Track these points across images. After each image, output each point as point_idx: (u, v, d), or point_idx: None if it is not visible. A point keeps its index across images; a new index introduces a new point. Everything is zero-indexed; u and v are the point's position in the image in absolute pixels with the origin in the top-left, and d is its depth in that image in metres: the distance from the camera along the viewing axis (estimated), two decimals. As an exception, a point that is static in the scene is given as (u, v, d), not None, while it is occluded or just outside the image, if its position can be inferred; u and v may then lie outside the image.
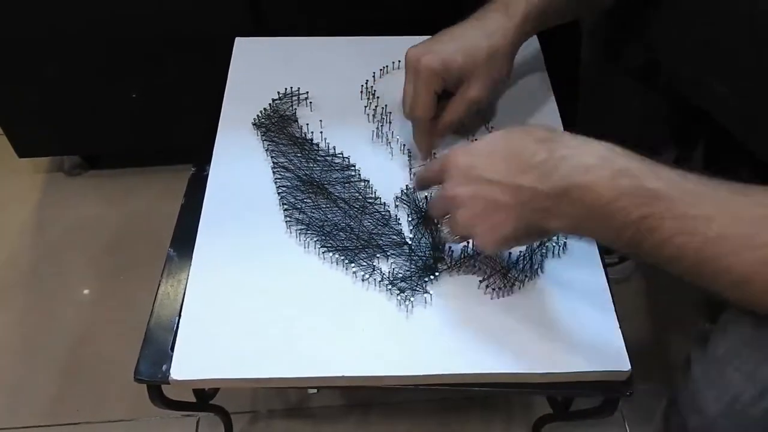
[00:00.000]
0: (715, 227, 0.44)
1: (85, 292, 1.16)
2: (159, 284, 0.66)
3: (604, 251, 0.66)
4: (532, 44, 0.87)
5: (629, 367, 0.58)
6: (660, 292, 1.13)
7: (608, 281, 0.64)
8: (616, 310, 0.62)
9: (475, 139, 0.76)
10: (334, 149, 0.74)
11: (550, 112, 0.79)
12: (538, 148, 0.51)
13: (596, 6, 0.75)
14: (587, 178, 0.48)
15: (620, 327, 0.60)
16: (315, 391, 1.01)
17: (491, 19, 0.67)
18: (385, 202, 0.70)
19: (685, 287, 0.49)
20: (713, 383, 0.47)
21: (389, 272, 0.64)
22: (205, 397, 0.85)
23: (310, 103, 0.80)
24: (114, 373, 1.03)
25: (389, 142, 0.76)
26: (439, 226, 0.65)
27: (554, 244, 0.66)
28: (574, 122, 0.81)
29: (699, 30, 0.70)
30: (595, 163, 0.48)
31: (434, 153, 0.74)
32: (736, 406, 0.45)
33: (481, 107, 0.71)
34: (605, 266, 0.65)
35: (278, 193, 0.70)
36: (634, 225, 0.46)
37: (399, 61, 0.84)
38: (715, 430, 0.46)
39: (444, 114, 0.71)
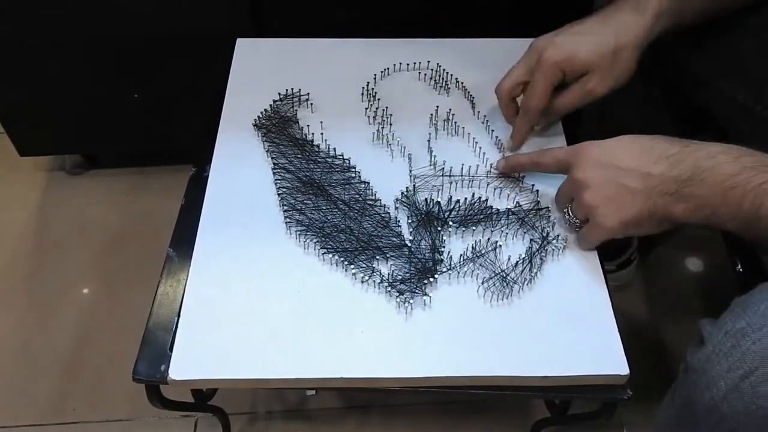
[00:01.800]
0: None
1: (85, 291, 1.16)
2: (158, 284, 0.66)
3: (605, 257, 0.66)
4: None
5: (628, 371, 0.58)
6: (659, 298, 1.13)
7: (607, 286, 0.64)
8: (615, 314, 0.62)
9: (477, 142, 0.76)
10: (335, 151, 0.74)
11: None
12: (671, 145, 0.57)
13: (738, 5, 0.72)
14: (713, 161, 0.54)
15: (619, 331, 0.60)
16: (313, 392, 1.01)
17: (621, 16, 0.67)
18: (385, 204, 0.70)
19: (684, 293, 0.49)
20: (727, 355, 0.46)
21: (389, 274, 0.64)
22: (203, 397, 0.85)
23: (311, 104, 0.80)
24: (113, 373, 1.03)
25: (390, 144, 0.76)
26: (566, 213, 0.65)
27: (554, 247, 0.66)
28: (576, 122, 0.80)
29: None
30: (721, 150, 0.55)
31: (433, 153, 0.74)
32: (747, 383, 0.44)
33: (596, 101, 0.70)
34: (605, 272, 0.65)
35: (278, 194, 0.70)
36: (753, 191, 0.51)
37: (400, 63, 0.84)
38: (723, 408, 0.46)
39: (558, 99, 0.71)
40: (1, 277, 1.17)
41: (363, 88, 0.81)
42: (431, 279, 0.63)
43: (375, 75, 0.83)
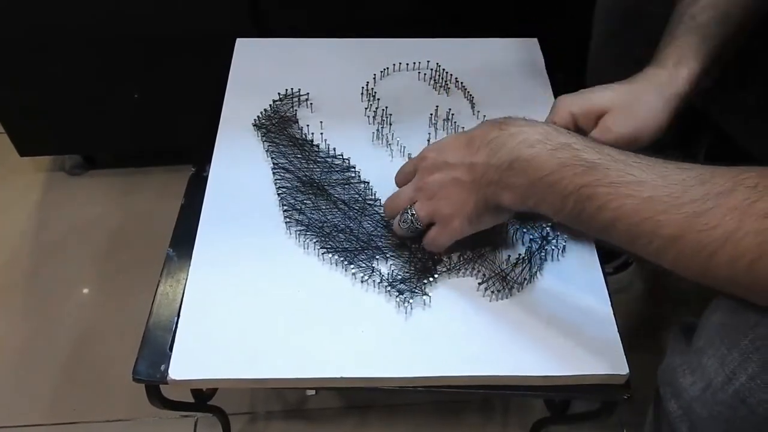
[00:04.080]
0: (646, 189, 0.47)
1: (85, 291, 1.16)
2: (158, 284, 0.66)
3: (603, 259, 0.66)
4: (533, 48, 0.88)
5: (627, 370, 0.58)
6: (658, 298, 1.13)
7: (607, 286, 0.64)
8: (614, 314, 0.62)
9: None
10: (334, 150, 0.74)
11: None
12: (490, 129, 0.56)
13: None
14: (531, 151, 0.53)
15: (618, 330, 0.60)
16: (313, 392, 1.01)
17: (642, 73, 0.65)
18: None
19: (683, 293, 0.49)
20: (692, 371, 0.48)
21: (388, 274, 0.64)
22: (203, 397, 0.85)
23: (311, 104, 0.80)
24: (113, 373, 1.03)
25: (389, 144, 0.76)
26: (409, 214, 0.62)
27: (553, 247, 0.66)
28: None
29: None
30: (539, 138, 0.53)
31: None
32: (709, 391, 0.46)
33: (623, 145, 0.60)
34: (605, 272, 0.65)
35: (278, 194, 0.70)
36: (574, 195, 0.50)
37: (399, 63, 0.84)
38: (692, 413, 0.47)
39: None
40: (1, 277, 1.17)
41: (363, 87, 0.81)
42: (431, 278, 0.63)
43: (375, 75, 0.83)
